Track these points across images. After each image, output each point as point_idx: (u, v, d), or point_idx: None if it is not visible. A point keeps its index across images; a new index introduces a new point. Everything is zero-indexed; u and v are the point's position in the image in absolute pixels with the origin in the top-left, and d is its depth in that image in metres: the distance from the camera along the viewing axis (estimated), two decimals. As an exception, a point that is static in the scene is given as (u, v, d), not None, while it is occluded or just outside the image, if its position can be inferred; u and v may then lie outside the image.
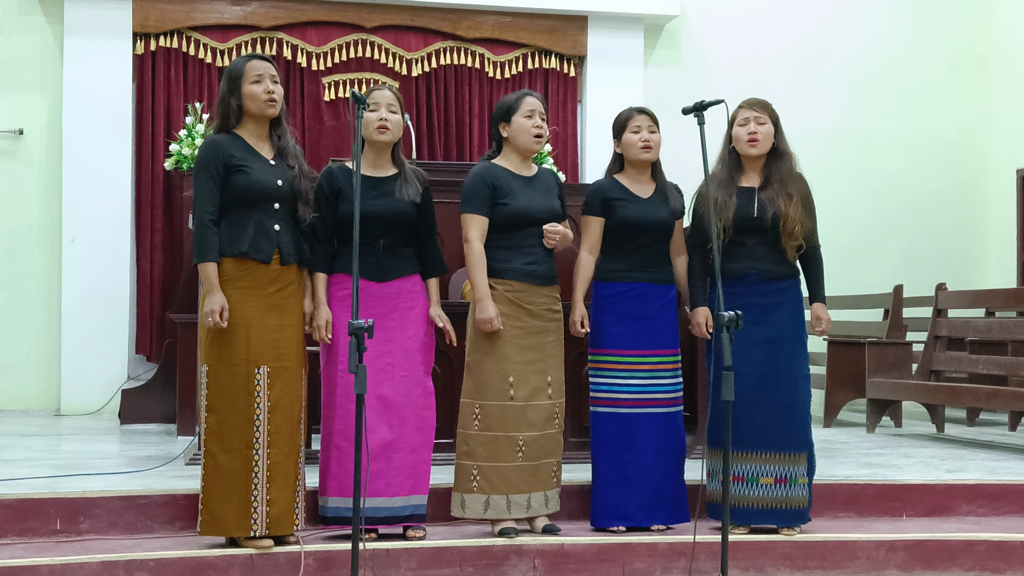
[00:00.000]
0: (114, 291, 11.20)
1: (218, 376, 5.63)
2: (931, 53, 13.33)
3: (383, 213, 5.88)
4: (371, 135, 5.93)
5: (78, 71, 11.25)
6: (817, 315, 6.32)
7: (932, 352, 10.19)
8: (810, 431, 6.26)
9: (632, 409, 6.21)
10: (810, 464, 6.23)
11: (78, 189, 11.15)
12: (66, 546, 5.75)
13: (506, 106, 6.14)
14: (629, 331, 6.22)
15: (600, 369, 6.28)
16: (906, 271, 12.43)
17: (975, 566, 6.29)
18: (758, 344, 6.12)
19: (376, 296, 5.89)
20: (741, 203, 6.17)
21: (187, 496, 6.11)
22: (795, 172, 6.28)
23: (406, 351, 5.93)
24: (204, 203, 5.64)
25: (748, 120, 6.22)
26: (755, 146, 6.21)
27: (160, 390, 9.79)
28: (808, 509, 6.25)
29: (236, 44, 11.63)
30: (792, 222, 6.13)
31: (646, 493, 6.22)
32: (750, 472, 6.16)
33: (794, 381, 6.18)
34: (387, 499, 5.87)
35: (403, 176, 6.00)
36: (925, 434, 9.82)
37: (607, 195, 6.28)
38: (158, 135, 11.41)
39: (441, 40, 12.15)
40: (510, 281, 6.00)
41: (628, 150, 6.30)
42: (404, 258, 6.00)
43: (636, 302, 6.23)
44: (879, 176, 13.00)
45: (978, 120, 13.45)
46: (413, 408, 5.93)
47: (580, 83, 12.57)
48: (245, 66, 5.74)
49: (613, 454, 6.22)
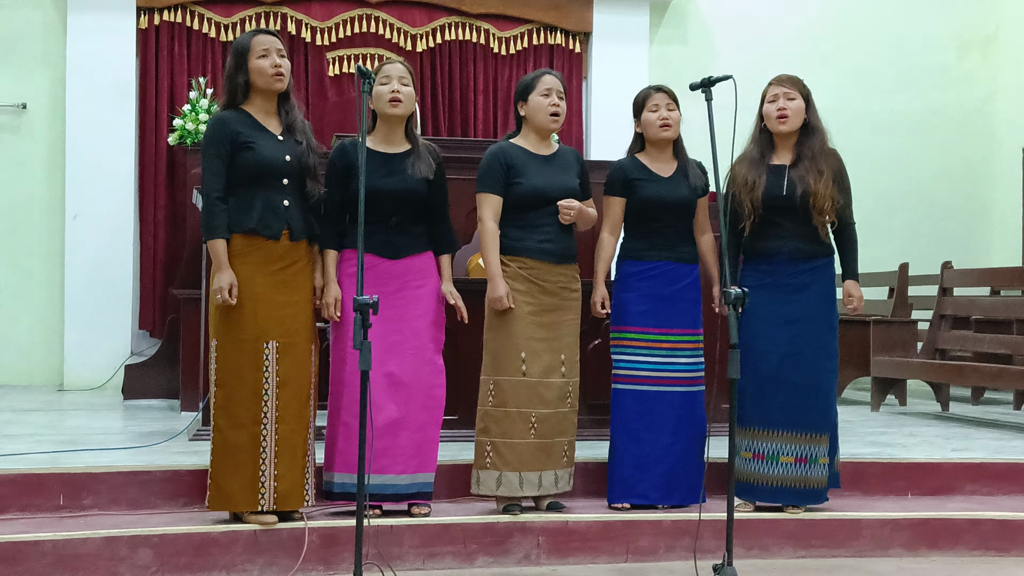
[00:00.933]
0: (117, 267, 11.18)
1: (226, 351, 5.62)
2: (937, 32, 13.30)
3: (394, 190, 5.85)
4: (383, 108, 5.91)
5: (81, 46, 11.21)
6: (849, 292, 6.29)
7: (937, 331, 10.18)
8: (835, 412, 6.25)
9: (651, 387, 6.19)
10: (832, 445, 6.22)
11: (81, 164, 11.12)
12: (69, 522, 5.73)
13: (524, 85, 6.13)
14: (651, 309, 6.19)
15: (621, 346, 6.26)
16: (911, 250, 12.38)
17: (980, 545, 6.29)
18: (784, 324, 6.11)
19: (387, 273, 5.87)
20: (770, 181, 6.13)
21: (190, 472, 6.10)
22: (827, 148, 6.22)
23: (415, 329, 5.91)
24: (212, 180, 5.62)
25: (777, 96, 6.18)
26: (785, 123, 6.16)
27: (163, 366, 9.78)
28: (826, 489, 6.24)
29: (240, 19, 11.58)
30: (822, 199, 6.07)
31: (662, 472, 6.20)
32: (771, 450, 6.14)
33: (818, 362, 6.17)
34: (393, 476, 5.85)
35: (416, 152, 5.97)
36: (930, 413, 9.80)
37: (627, 175, 6.25)
38: (162, 110, 11.38)
39: (446, 16, 12.10)
40: (524, 259, 5.98)
41: (647, 129, 6.26)
42: (416, 235, 5.97)
43: (659, 281, 6.20)
44: (885, 155, 12.98)
45: (984, 99, 13.41)
46: (422, 386, 5.91)
47: (585, 60, 12.53)
48: (251, 40, 5.70)
49: (631, 432, 6.20)
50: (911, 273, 11.07)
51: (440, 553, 5.86)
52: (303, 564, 5.61)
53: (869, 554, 6.21)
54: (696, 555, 5.65)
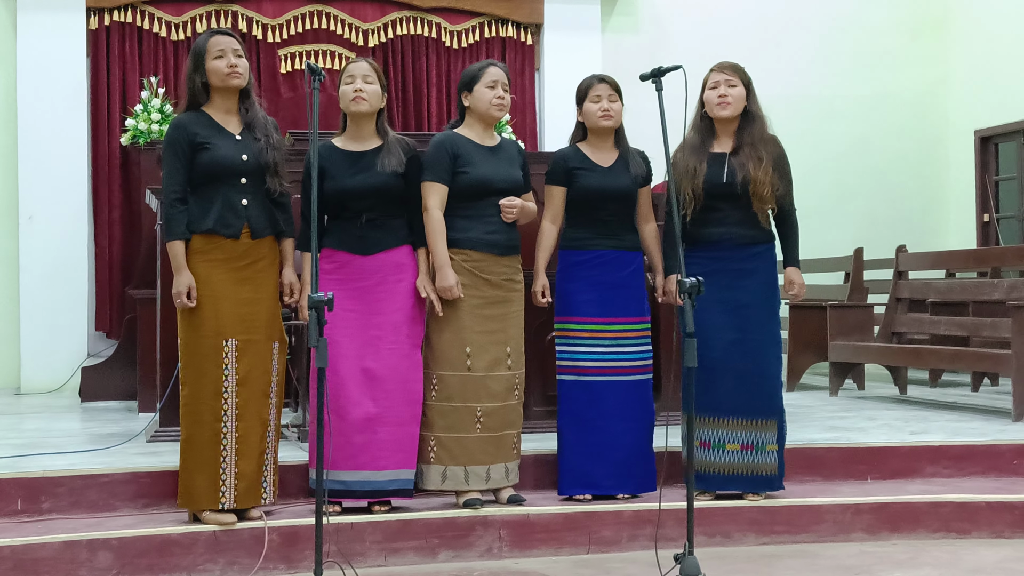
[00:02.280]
0: (73, 268, 11.10)
1: (189, 349, 5.65)
2: (889, 17, 13.36)
3: (361, 187, 5.87)
4: (347, 107, 5.94)
5: (31, 47, 11.12)
6: (790, 279, 6.30)
7: (894, 314, 10.24)
8: (780, 398, 6.26)
9: (598, 377, 6.20)
10: (780, 431, 6.22)
11: (34, 165, 11.03)
12: (28, 526, 5.70)
13: (469, 75, 6.13)
14: (595, 299, 6.20)
15: (566, 337, 6.26)
16: (867, 234, 12.43)
17: (941, 528, 6.32)
18: (730, 310, 6.12)
19: (362, 269, 5.89)
20: (711, 169, 6.15)
21: (149, 474, 6.08)
22: (768, 135, 6.25)
23: (393, 324, 5.92)
24: (170, 182, 5.67)
25: (719, 83, 6.20)
26: (726, 109, 6.18)
27: (121, 367, 9.72)
28: (779, 477, 6.25)
29: (191, 17, 11.52)
30: (761, 185, 6.10)
31: (614, 461, 6.21)
32: (717, 438, 6.16)
33: (764, 348, 6.18)
34: (373, 472, 5.86)
35: (385, 147, 5.97)
36: (888, 396, 9.86)
37: (569, 164, 6.26)
38: (114, 110, 11.31)
39: (397, 10, 12.07)
40: (468, 251, 5.98)
41: (588, 119, 6.27)
42: (391, 230, 5.98)
43: (602, 270, 6.21)
44: (839, 140, 13.03)
45: (937, 83, 13.48)
46: (400, 381, 5.90)
47: (537, 51, 12.52)
48: (207, 42, 5.74)
49: (581, 422, 6.20)
50: (866, 257, 11.13)
51: (402, 549, 5.85)
52: (264, 563, 5.60)
53: (831, 539, 6.23)
54: (658, 544, 5.65)
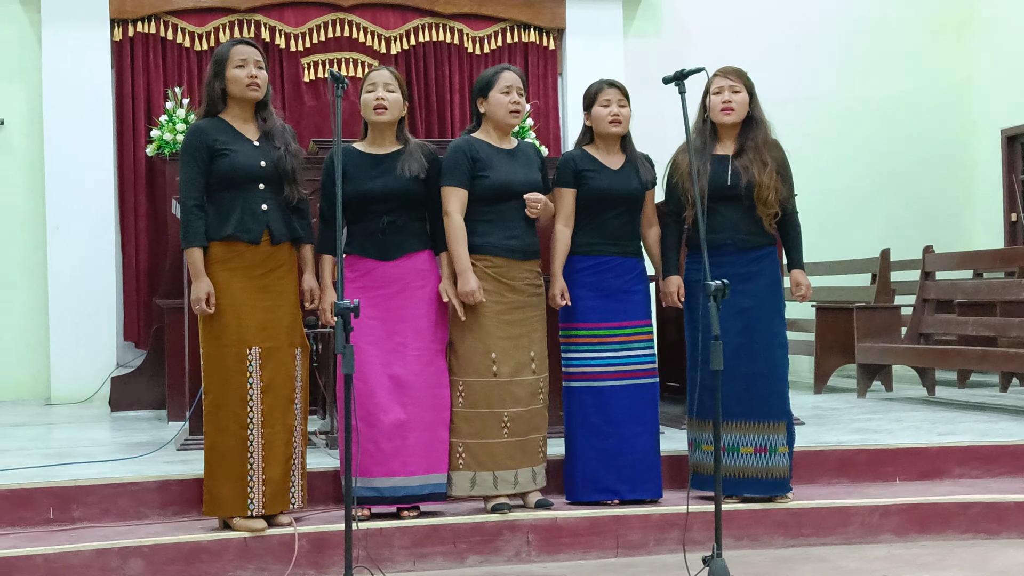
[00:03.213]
0: (100, 278, 11.16)
1: (212, 357, 5.66)
2: (911, 16, 13.31)
3: (382, 191, 5.88)
4: (369, 116, 5.96)
5: (57, 59, 11.19)
6: (797, 281, 6.29)
7: (921, 315, 10.20)
8: (788, 400, 6.26)
9: (607, 382, 6.20)
10: (789, 433, 6.22)
11: (61, 177, 11.10)
12: (60, 535, 5.73)
13: (484, 81, 6.13)
14: (600, 304, 6.21)
15: (572, 343, 6.26)
16: (893, 235, 12.38)
17: (969, 528, 6.30)
18: (736, 314, 6.11)
19: (385, 275, 5.91)
20: (715, 171, 6.16)
21: (179, 481, 6.11)
22: (771, 139, 6.26)
23: (417, 330, 5.93)
24: (188, 189, 5.66)
25: (723, 88, 6.21)
26: (729, 115, 6.19)
27: (149, 376, 9.77)
28: (789, 479, 6.25)
29: (214, 27, 11.56)
30: (766, 189, 6.11)
31: (626, 465, 6.20)
32: (731, 442, 6.17)
33: (771, 350, 6.19)
34: (404, 478, 5.87)
35: (407, 152, 5.99)
36: (916, 398, 9.83)
37: (577, 166, 6.26)
38: (139, 121, 11.36)
39: (419, 17, 12.09)
40: (490, 257, 5.99)
41: (597, 124, 6.27)
42: (412, 234, 5.99)
43: (607, 275, 6.22)
44: (864, 141, 12.98)
45: (961, 82, 13.44)
46: (426, 387, 5.92)
47: (560, 56, 12.52)
48: (230, 51, 5.76)
49: (591, 427, 6.20)
50: (893, 258, 11.10)
51: (430, 554, 5.87)
52: (294, 569, 5.61)
53: (859, 541, 6.22)
54: (686, 547, 5.65)
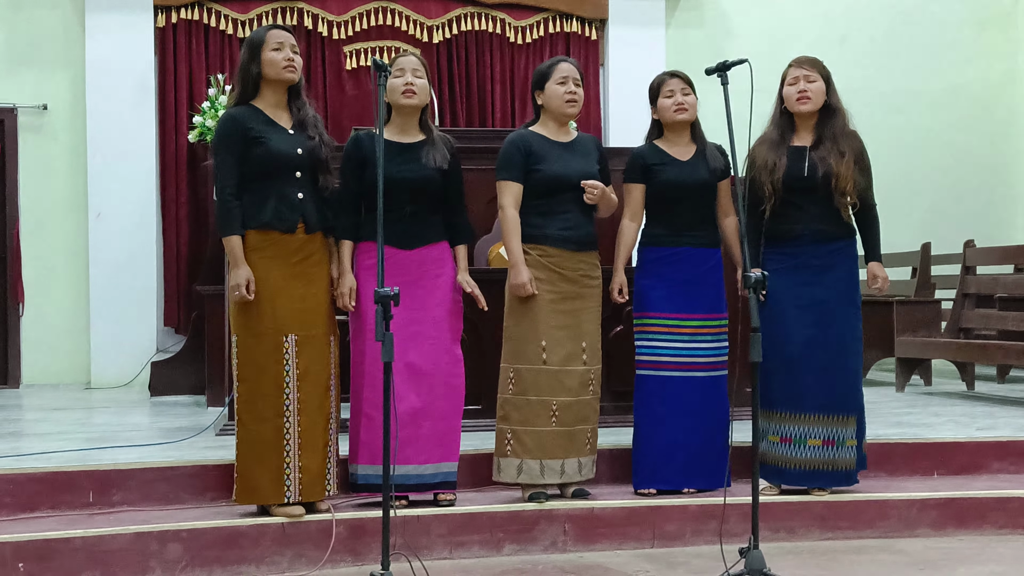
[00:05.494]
0: (141, 264, 11.24)
1: (247, 346, 5.66)
2: (957, 9, 13.24)
3: (409, 179, 5.87)
4: (397, 100, 5.93)
5: (100, 45, 11.26)
6: (874, 273, 6.27)
7: (961, 309, 10.15)
8: (861, 394, 6.25)
9: (674, 372, 6.20)
10: (859, 427, 6.21)
11: (103, 163, 11.18)
12: (99, 518, 5.77)
13: (540, 74, 6.15)
14: (671, 295, 6.20)
15: (644, 332, 6.26)
16: (934, 229, 12.30)
17: (1007, 523, 6.27)
18: (810, 306, 6.09)
19: (403, 263, 5.88)
20: (791, 163, 6.11)
21: (217, 467, 6.13)
22: (848, 129, 6.20)
23: (434, 319, 5.93)
24: (224, 177, 5.67)
25: (798, 79, 6.16)
26: (806, 104, 6.14)
27: (189, 362, 9.83)
28: (856, 471, 6.24)
29: (256, 15, 11.61)
30: (844, 180, 6.06)
31: (685, 457, 6.20)
32: (799, 434, 6.13)
33: (845, 343, 6.16)
34: (417, 466, 5.88)
35: (430, 142, 5.99)
36: (955, 392, 9.79)
37: (646, 161, 6.26)
38: (181, 107, 11.43)
39: (461, 6, 12.10)
40: (544, 247, 5.99)
41: (663, 114, 6.27)
42: (431, 225, 5.99)
43: (679, 266, 6.20)
44: (905, 134, 12.92)
45: (1005, 76, 13.35)
46: (441, 376, 5.93)
47: (602, 46, 12.51)
48: (266, 34, 5.76)
49: (654, 417, 6.21)
50: (934, 252, 11.04)
51: (467, 542, 5.88)
52: (331, 555, 5.63)
53: (896, 534, 6.20)
54: (722, 539, 5.64)
